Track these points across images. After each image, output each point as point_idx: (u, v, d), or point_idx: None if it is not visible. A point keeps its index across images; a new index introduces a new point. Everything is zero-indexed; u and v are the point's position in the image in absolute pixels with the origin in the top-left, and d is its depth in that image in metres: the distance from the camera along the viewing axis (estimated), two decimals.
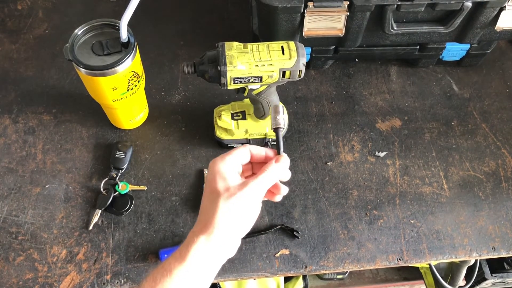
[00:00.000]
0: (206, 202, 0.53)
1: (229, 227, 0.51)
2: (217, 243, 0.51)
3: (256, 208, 0.54)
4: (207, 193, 0.53)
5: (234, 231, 0.52)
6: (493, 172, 0.87)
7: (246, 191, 0.52)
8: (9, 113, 0.90)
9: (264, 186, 0.54)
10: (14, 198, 0.80)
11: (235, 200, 0.51)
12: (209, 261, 0.51)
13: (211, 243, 0.50)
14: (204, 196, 0.54)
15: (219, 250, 0.51)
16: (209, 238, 0.50)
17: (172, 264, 0.49)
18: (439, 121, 0.92)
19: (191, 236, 0.51)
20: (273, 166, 0.54)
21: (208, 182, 0.54)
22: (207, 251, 0.50)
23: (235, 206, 0.51)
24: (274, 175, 0.54)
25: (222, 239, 0.51)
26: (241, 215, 0.52)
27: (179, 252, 0.50)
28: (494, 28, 0.84)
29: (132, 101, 0.80)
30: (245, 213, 0.52)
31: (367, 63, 0.99)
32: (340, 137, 0.89)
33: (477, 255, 0.79)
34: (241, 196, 0.51)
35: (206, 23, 1.04)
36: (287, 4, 0.75)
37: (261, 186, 0.53)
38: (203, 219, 0.52)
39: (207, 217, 0.51)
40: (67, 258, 0.75)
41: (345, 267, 0.77)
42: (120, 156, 0.83)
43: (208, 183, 0.54)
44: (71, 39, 0.71)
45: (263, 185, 0.53)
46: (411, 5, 0.77)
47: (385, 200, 0.83)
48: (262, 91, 0.74)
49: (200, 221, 0.53)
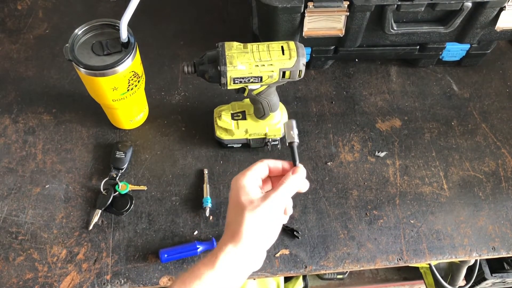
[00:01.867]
0: (232, 215, 0.56)
1: (255, 237, 0.54)
2: (244, 251, 0.54)
3: (278, 219, 0.57)
4: (232, 207, 0.57)
5: (259, 241, 0.55)
6: (493, 172, 0.87)
7: (269, 202, 0.55)
8: (9, 113, 0.90)
9: (284, 197, 0.57)
10: (14, 198, 0.80)
11: (260, 211, 0.54)
12: (237, 269, 0.54)
13: (239, 250, 0.54)
14: (229, 209, 0.58)
15: (246, 258, 0.54)
16: (236, 246, 0.54)
17: (202, 269, 0.53)
18: (439, 121, 0.92)
19: (220, 245, 0.55)
20: (291, 177, 0.58)
21: (232, 197, 0.57)
22: (235, 259, 0.53)
23: (260, 216, 0.55)
24: (293, 185, 0.58)
25: (248, 248, 0.54)
26: (265, 225, 0.55)
27: (208, 259, 0.54)
28: (494, 28, 0.84)
29: (132, 101, 0.80)
30: (269, 223, 0.56)
31: (367, 63, 0.99)
32: (340, 137, 0.89)
33: (477, 255, 0.79)
34: (264, 207, 0.55)
35: (206, 23, 1.04)
36: (287, 4, 0.75)
37: (282, 197, 0.56)
38: (231, 230, 0.55)
39: (234, 228, 0.54)
40: (67, 258, 0.75)
41: (345, 267, 0.77)
42: (120, 156, 0.83)
43: (232, 198, 0.57)
44: (71, 39, 0.71)
45: (283, 196, 0.57)
46: (411, 5, 0.77)
47: (385, 200, 0.83)
48: (262, 91, 0.74)
49: (227, 232, 0.56)
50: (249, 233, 0.54)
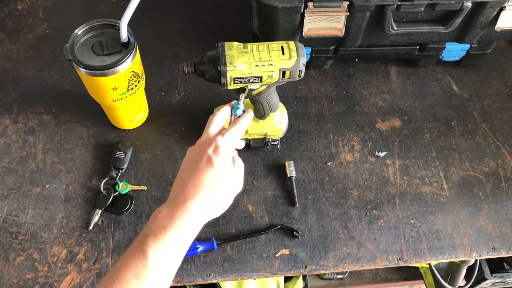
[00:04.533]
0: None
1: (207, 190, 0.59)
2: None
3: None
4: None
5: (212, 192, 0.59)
6: (493, 172, 0.87)
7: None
8: (9, 113, 0.90)
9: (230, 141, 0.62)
10: (14, 198, 0.80)
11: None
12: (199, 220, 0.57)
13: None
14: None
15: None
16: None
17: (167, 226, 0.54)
18: (439, 121, 0.92)
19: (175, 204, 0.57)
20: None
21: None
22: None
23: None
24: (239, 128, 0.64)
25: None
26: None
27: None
28: (494, 28, 0.84)
29: (132, 101, 0.80)
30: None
31: (367, 63, 0.99)
32: (340, 137, 0.89)
33: (477, 255, 0.79)
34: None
35: (206, 23, 1.04)
36: (287, 4, 0.75)
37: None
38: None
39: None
40: (67, 258, 0.76)
41: (345, 267, 0.77)
42: (120, 156, 0.83)
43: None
44: (71, 39, 0.71)
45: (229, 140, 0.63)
46: (411, 5, 0.77)
47: (385, 200, 0.83)
48: (262, 91, 0.74)
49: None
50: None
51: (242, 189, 0.62)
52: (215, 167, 0.57)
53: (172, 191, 0.58)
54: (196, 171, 0.57)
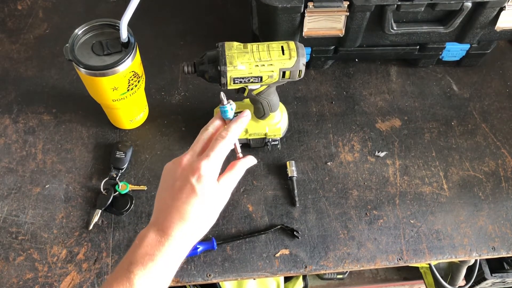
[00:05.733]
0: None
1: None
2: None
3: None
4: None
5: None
6: (493, 172, 0.87)
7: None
8: (9, 113, 0.90)
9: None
10: (14, 198, 0.80)
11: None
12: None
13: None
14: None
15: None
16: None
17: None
18: (439, 121, 0.92)
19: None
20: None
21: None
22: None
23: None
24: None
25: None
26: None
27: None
28: (494, 28, 0.84)
29: (132, 101, 0.80)
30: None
31: (367, 63, 0.99)
32: (340, 137, 0.89)
33: (477, 255, 0.79)
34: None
35: (206, 23, 1.04)
36: (287, 4, 0.75)
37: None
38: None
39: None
40: (67, 258, 0.76)
41: (345, 267, 0.77)
42: (120, 156, 0.83)
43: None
44: (71, 39, 0.71)
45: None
46: (411, 5, 0.77)
47: (385, 200, 0.83)
48: (262, 91, 0.74)
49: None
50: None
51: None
52: (198, 196, 0.55)
53: (156, 211, 0.57)
54: (179, 197, 0.55)
